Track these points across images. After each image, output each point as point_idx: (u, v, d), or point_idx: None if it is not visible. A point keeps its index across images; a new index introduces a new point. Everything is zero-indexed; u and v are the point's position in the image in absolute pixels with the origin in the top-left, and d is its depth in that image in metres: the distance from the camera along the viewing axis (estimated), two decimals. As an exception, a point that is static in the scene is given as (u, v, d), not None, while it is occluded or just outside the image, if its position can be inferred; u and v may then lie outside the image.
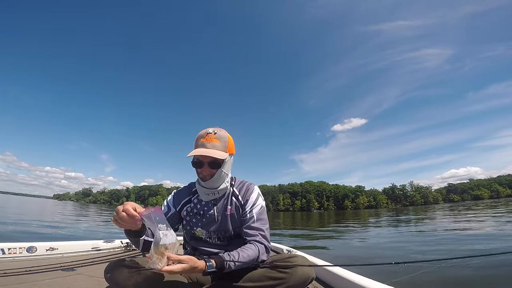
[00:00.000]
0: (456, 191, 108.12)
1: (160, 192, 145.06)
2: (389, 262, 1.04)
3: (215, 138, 1.25)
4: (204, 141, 1.24)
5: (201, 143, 1.24)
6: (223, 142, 1.27)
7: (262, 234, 1.24)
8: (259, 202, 1.33)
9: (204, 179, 1.28)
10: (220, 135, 1.27)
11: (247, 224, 1.27)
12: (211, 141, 1.24)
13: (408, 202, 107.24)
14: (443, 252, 5.06)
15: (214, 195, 1.32)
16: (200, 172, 1.28)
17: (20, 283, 1.67)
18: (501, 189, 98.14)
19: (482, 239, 6.11)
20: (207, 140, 1.24)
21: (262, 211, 1.32)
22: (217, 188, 1.30)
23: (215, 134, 1.26)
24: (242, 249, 1.14)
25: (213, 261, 1.01)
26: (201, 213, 1.33)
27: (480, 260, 3.53)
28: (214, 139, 1.25)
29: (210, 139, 1.24)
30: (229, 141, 1.30)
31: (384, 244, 6.76)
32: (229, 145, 1.29)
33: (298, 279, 1.05)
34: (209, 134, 1.26)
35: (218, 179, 1.28)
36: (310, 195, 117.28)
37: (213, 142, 1.24)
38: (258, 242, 1.20)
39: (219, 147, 1.25)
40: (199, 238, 1.33)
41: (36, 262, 2.19)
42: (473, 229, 8.59)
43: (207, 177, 1.26)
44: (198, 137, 1.28)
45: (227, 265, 1.04)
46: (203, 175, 1.27)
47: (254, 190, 1.36)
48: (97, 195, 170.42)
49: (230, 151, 1.30)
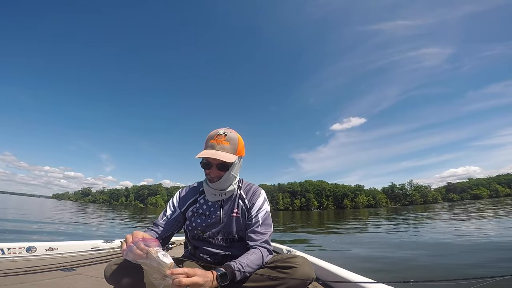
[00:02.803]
0: (455, 190, 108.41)
1: (159, 192, 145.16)
2: (406, 280, 0.85)
3: (225, 140, 1.23)
4: (213, 143, 1.22)
5: (210, 144, 1.23)
6: (233, 145, 1.24)
7: (265, 239, 1.24)
8: (264, 207, 1.32)
9: (212, 181, 1.27)
10: (230, 136, 1.25)
11: (251, 228, 1.26)
12: (220, 143, 1.22)
13: (408, 201, 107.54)
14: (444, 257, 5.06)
15: (221, 196, 1.31)
16: (208, 173, 1.27)
17: (20, 283, 1.67)
18: (500, 188, 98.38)
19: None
20: (217, 141, 1.22)
21: (267, 216, 1.31)
22: (225, 190, 1.30)
23: (225, 136, 1.24)
24: (248, 255, 1.13)
25: (224, 269, 1.01)
26: (207, 213, 1.32)
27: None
28: (224, 141, 1.22)
29: (220, 140, 1.22)
30: (239, 143, 1.28)
31: (384, 244, 6.77)
32: (239, 147, 1.27)
33: (299, 279, 1.05)
34: (219, 135, 1.24)
35: (226, 181, 1.27)
36: (309, 194, 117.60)
37: (223, 144, 1.22)
38: (261, 247, 1.20)
39: (229, 149, 1.23)
40: (202, 238, 1.32)
41: (35, 262, 2.20)
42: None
43: (215, 179, 1.26)
44: (208, 138, 1.26)
45: (238, 275, 1.04)
46: (211, 176, 1.26)
47: (260, 194, 1.36)
48: (96, 195, 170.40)
49: (239, 153, 1.28)
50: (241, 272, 1.04)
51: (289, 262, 1.07)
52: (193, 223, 1.33)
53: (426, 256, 4.81)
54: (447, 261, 4.32)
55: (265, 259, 1.18)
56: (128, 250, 0.90)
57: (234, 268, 1.02)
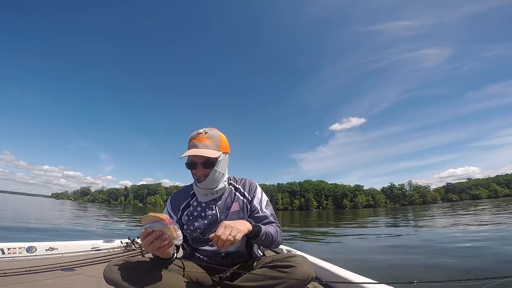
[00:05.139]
0: (455, 190, 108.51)
1: (159, 191, 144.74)
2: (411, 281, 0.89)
3: (206, 138, 1.25)
4: (195, 142, 1.25)
5: (192, 144, 1.25)
6: (215, 141, 1.26)
7: (279, 225, 1.32)
8: (265, 197, 1.38)
9: (199, 180, 1.27)
10: (211, 134, 1.27)
11: (264, 222, 1.31)
12: (202, 141, 1.24)
13: (407, 202, 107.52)
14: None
15: (213, 195, 1.32)
16: (194, 173, 1.28)
17: (20, 283, 1.67)
18: (499, 188, 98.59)
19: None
20: (198, 140, 1.24)
21: (271, 205, 1.38)
22: (215, 189, 1.30)
23: (206, 133, 1.26)
24: (265, 224, 1.24)
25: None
26: (202, 215, 1.31)
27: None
28: (205, 139, 1.25)
29: (201, 139, 1.25)
30: (221, 140, 1.29)
31: (384, 245, 6.78)
32: (222, 144, 1.29)
33: (298, 279, 1.06)
34: (200, 134, 1.26)
35: (213, 179, 1.28)
36: (309, 194, 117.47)
37: (204, 141, 1.24)
38: (277, 225, 1.29)
39: (211, 146, 1.25)
40: (203, 240, 1.31)
41: (35, 262, 2.20)
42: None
43: (202, 178, 1.26)
44: (189, 139, 1.28)
45: (261, 232, 1.15)
46: (198, 176, 1.27)
47: (257, 186, 1.41)
48: (95, 194, 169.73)
49: (223, 149, 1.29)
50: (263, 231, 1.16)
51: (289, 261, 1.07)
52: (191, 226, 1.32)
53: (428, 256, 4.82)
54: (447, 261, 4.33)
55: (279, 237, 1.27)
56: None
57: (258, 225, 1.16)
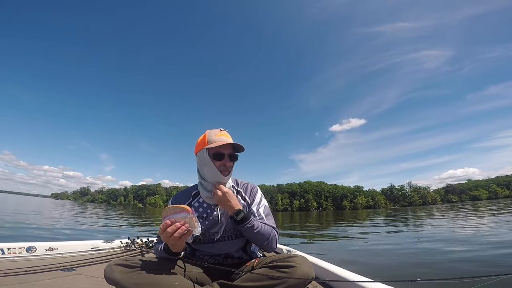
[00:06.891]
0: (455, 191, 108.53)
1: (158, 192, 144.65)
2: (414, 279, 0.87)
3: (228, 134, 1.29)
4: (221, 136, 1.26)
5: (217, 138, 1.25)
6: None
7: (274, 226, 1.30)
8: (264, 202, 1.37)
9: (224, 173, 1.25)
10: (229, 134, 1.31)
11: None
12: (226, 136, 1.27)
13: (407, 203, 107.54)
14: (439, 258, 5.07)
15: None
16: (220, 164, 1.24)
17: (20, 283, 1.67)
18: (499, 189, 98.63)
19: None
20: (223, 135, 1.27)
21: (269, 211, 1.36)
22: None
23: (227, 131, 1.30)
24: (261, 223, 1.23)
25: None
26: (204, 216, 1.31)
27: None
28: (228, 135, 1.29)
29: (225, 134, 1.28)
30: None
31: (383, 244, 6.78)
32: None
33: (298, 279, 1.06)
34: (221, 131, 1.29)
35: (230, 176, 1.30)
36: (308, 195, 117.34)
37: (228, 137, 1.28)
38: (272, 228, 1.27)
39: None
40: (203, 241, 1.31)
41: (35, 262, 2.20)
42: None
43: (229, 169, 1.27)
44: (211, 134, 1.27)
45: (250, 220, 1.17)
46: (225, 167, 1.25)
47: (258, 191, 1.40)
48: (95, 194, 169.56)
49: None
50: (254, 222, 1.18)
51: (289, 261, 1.07)
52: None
53: (428, 256, 4.82)
54: (448, 260, 4.33)
55: (273, 238, 1.24)
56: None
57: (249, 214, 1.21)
